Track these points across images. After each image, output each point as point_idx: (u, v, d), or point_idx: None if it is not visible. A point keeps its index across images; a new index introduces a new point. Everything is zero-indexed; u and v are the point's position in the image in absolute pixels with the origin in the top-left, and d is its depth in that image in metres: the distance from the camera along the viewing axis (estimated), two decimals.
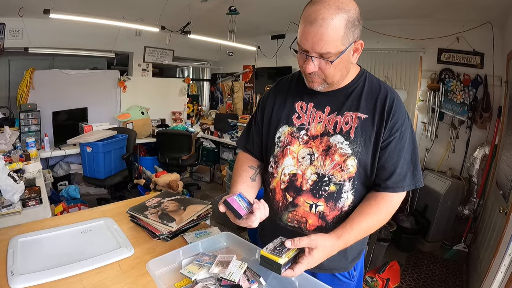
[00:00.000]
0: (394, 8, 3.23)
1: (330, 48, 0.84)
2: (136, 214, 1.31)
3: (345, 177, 0.97)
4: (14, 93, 3.99)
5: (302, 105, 1.05)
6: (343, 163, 0.97)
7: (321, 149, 0.99)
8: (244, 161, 1.18)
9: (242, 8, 3.27)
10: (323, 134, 1.00)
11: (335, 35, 0.82)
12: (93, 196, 4.24)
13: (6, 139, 2.92)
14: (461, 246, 3.05)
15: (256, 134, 1.17)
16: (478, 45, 3.20)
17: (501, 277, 1.67)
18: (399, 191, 0.97)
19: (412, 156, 0.98)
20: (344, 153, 0.96)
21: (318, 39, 0.83)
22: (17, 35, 3.69)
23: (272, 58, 5.12)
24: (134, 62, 5.06)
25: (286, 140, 1.04)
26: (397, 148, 0.96)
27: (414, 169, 0.98)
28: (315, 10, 0.82)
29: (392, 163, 0.96)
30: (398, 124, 0.95)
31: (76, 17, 3.03)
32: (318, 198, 1.00)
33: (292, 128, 1.05)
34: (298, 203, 1.02)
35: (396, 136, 0.95)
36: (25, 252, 1.05)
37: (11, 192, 1.73)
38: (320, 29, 0.82)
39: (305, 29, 0.84)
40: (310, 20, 0.83)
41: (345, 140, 0.97)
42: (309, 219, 1.02)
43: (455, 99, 3.36)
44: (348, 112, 0.98)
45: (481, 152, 3.09)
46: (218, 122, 5.36)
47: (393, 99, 0.96)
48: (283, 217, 1.06)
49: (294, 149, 1.03)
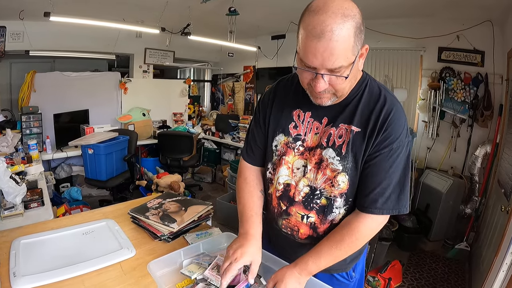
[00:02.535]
0: (395, 7, 3.23)
1: (342, 62, 0.76)
2: (138, 215, 1.31)
3: (335, 193, 0.94)
4: (16, 95, 4.01)
5: (299, 114, 1.00)
6: (333, 179, 0.93)
7: (314, 162, 0.95)
8: (253, 184, 1.11)
9: (242, 8, 3.28)
10: (317, 146, 0.95)
11: (346, 47, 0.74)
12: (95, 197, 4.25)
13: (8, 142, 2.93)
14: (463, 245, 3.05)
15: (258, 138, 1.10)
16: (479, 43, 3.19)
17: (503, 276, 1.66)
18: (376, 213, 0.89)
19: (401, 178, 0.89)
20: (335, 168, 0.92)
21: (329, 54, 0.74)
22: (17, 38, 3.71)
23: (273, 58, 5.12)
24: (135, 63, 5.07)
25: (282, 150, 1.01)
26: (382, 165, 0.88)
27: (401, 192, 0.89)
28: (320, 21, 0.73)
29: (373, 180, 0.89)
30: (390, 140, 0.87)
31: (76, 19, 3.04)
32: (310, 210, 0.98)
33: (288, 138, 1.01)
34: (291, 213, 1.02)
35: (384, 152, 0.88)
36: (27, 253, 1.06)
37: (13, 194, 1.74)
38: (330, 43, 0.73)
39: (312, 45, 0.75)
40: (317, 34, 0.73)
41: (336, 155, 0.92)
42: (300, 228, 1.02)
43: (456, 97, 3.35)
44: (343, 124, 0.92)
45: (483, 150, 3.08)
46: (219, 123, 5.37)
47: (390, 112, 0.88)
48: (279, 222, 1.07)
49: (289, 159, 1.00)
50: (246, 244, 0.95)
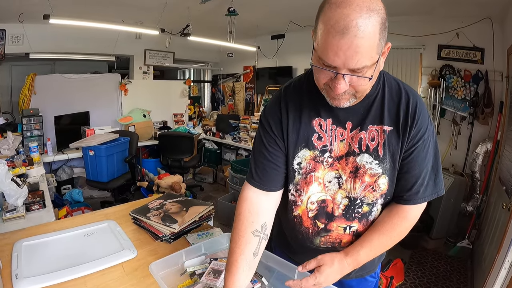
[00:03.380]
0: (394, 5, 3.21)
1: (366, 61, 0.69)
2: (139, 216, 1.31)
3: (377, 196, 0.90)
4: (16, 98, 4.02)
5: (321, 123, 0.90)
6: (374, 184, 0.88)
7: (349, 171, 0.89)
8: (247, 216, 0.92)
9: (241, 8, 3.28)
10: (348, 154, 0.88)
11: (371, 44, 0.67)
12: (97, 199, 4.26)
13: (9, 144, 2.94)
14: (465, 242, 3.04)
15: (272, 155, 0.94)
16: (478, 41, 3.19)
17: (505, 273, 1.66)
18: (419, 202, 0.89)
19: (434, 163, 0.88)
20: (374, 173, 0.87)
21: (353, 52, 0.67)
22: (17, 41, 3.72)
23: (273, 58, 5.12)
24: (135, 65, 5.08)
25: (309, 166, 0.91)
26: (419, 158, 0.86)
27: (436, 177, 0.89)
28: (344, 15, 0.65)
29: (413, 174, 0.87)
30: (421, 132, 0.85)
31: (76, 21, 3.05)
32: (352, 221, 0.93)
33: (314, 152, 0.90)
34: (331, 229, 0.94)
35: (419, 145, 0.85)
36: (29, 255, 1.06)
37: (14, 196, 1.75)
38: (355, 40, 0.65)
39: (334, 42, 0.67)
40: (340, 30, 0.65)
41: (374, 159, 0.86)
42: (343, 239, 0.96)
43: (456, 95, 3.35)
44: (372, 126, 0.86)
45: (484, 148, 3.08)
46: (219, 123, 5.37)
47: (416, 103, 0.85)
48: (315, 241, 0.98)
49: (320, 174, 0.91)
50: None
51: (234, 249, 0.88)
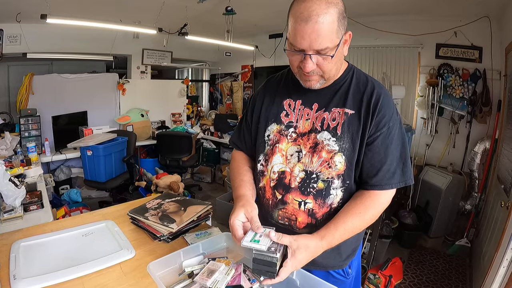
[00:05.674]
0: (392, 4, 3.22)
1: (327, 43, 0.84)
2: (137, 216, 1.31)
3: (333, 174, 0.96)
4: (14, 98, 4.01)
5: (290, 103, 1.06)
6: (330, 160, 0.96)
7: (309, 146, 0.99)
8: (241, 161, 1.18)
9: (239, 8, 3.27)
10: (311, 131, 1.00)
11: (330, 29, 0.83)
12: (95, 199, 4.25)
13: (6, 145, 2.93)
14: (464, 241, 3.05)
15: (246, 133, 1.17)
16: (476, 39, 3.19)
17: (503, 272, 1.66)
18: (387, 188, 0.95)
19: (402, 152, 0.96)
20: (331, 149, 0.96)
21: (316, 35, 0.83)
22: (15, 40, 3.70)
23: (271, 57, 5.12)
24: (132, 64, 5.06)
25: (275, 138, 1.05)
26: (384, 144, 0.95)
27: (404, 166, 0.96)
28: (307, 7, 0.82)
29: (378, 159, 0.95)
30: (385, 120, 0.94)
31: (73, 21, 3.04)
32: (307, 196, 0.99)
33: (280, 126, 1.05)
34: (287, 201, 1.02)
35: (383, 131, 0.94)
36: (27, 256, 1.05)
37: (12, 197, 1.74)
38: (316, 25, 0.82)
39: (300, 28, 0.84)
40: (304, 18, 0.82)
41: (332, 136, 0.96)
42: (298, 216, 1.01)
43: (454, 94, 3.35)
44: (336, 108, 0.98)
45: (482, 146, 3.08)
46: (218, 122, 5.36)
47: (380, 94, 0.95)
48: (274, 214, 1.06)
49: (283, 146, 1.03)
50: (236, 204, 0.98)
51: (237, 180, 1.08)
